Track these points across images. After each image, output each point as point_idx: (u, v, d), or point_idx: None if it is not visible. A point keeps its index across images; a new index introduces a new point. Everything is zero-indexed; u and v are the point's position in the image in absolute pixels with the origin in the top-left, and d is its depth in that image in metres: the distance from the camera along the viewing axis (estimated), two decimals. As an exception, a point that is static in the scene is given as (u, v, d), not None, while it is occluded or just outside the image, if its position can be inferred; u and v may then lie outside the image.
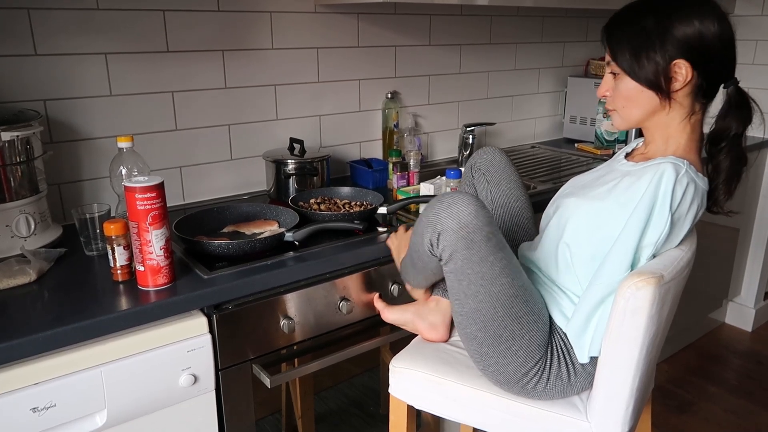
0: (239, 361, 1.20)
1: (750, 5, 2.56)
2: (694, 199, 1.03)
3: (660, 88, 1.05)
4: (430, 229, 1.04)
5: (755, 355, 2.61)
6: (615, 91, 1.11)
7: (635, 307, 0.95)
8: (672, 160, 1.02)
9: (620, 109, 1.12)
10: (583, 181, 1.22)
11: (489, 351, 1.08)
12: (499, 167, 1.39)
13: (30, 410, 0.96)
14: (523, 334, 1.06)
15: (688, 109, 1.08)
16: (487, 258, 1.02)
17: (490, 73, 2.30)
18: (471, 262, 1.02)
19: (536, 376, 1.07)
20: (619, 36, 1.08)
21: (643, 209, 1.00)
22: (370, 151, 2.02)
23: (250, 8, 1.64)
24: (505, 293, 1.04)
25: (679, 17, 1.02)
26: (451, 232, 1.01)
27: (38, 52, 1.36)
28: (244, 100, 1.69)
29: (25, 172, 1.24)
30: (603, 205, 1.07)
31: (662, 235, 1.01)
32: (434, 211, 1.04)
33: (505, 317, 1.05)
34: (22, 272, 1.13)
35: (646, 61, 1.04)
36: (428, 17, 2.03)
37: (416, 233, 1.09)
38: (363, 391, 1.52)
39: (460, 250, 1.02)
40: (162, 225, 1.10)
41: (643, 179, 1.02)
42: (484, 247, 1.02)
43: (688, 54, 1.02)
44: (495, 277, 1.03)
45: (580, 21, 2.55)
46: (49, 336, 0.96)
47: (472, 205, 1.01)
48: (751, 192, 2.62)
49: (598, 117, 2.37)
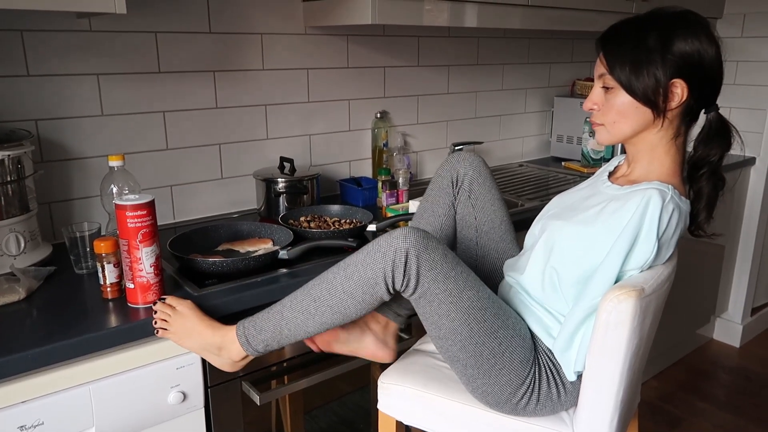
0: (228, 379, 1.20)
1: (731, 27, 2.63)
2: (678, 223, 1.04)
3: (656, 105, 1.05)
4: (389, 263, 1.02)
5: (743, 371, 2.62)
6: (606, 105, 1.09)
7: (617, 320, 0.97)
8: (657, 185, 1.02)
9: (610, 124, 1.10)
10: (569, 201, 1.21)
11: (474, 372, 1.08)
12: (484, 184, 1.34)
13: (17, 428, 0.96)
14: (503, 351, 1.07)
15: (675, 130, 1.09)
16: (450, 274, 1.04)
17: (478, 93, 2.34)
18: (436, 281, 1.03)
19: (525, 396, 1.08)
20: (618, 49, 1.07)
21: (628, 235, 1.00)
22: (360, 170, 2.04)
23: (241, 30, 1.67)
24: (474, 306, 1.05)
25: (682, 36, 1.03)
26: (413, 256, 1.01)
27: (31, 73, 1.38)
28: (234, 120, 1.72)
29: (15, 190, 1.24)
30: (590, 231, 1.06)
31: (648, 260, 1.02)
32: (384, 245, 1.02)
33: (481, 333, 1.06)
34: (12, 290, 1.13)
35: (645, 76, 1.03)
36: (417, 39, 2.07)
37: (358, 275, 1.04)
38: (353, 409, 1.52)
39: (424, 272, 1.02)
40: (152, 242, 1.11)
41: (629, 204, 1.01)
42: (444, 264, 1.03)
43: (685, 74, 1.03)
44: (461, 291, 1.04)
45: (565, 43, 2.60)
46: (37, 353, 0.97)
47: (414, 230, 1.03)
48: (736, 209, 2.66)
49: (584, 136, 2.41)
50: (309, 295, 1.07)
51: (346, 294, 1.05)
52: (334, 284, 1.06)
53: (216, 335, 1.09)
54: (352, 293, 1.05)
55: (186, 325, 1.09)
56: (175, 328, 1.09)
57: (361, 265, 1.04)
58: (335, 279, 1.06)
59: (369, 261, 1.03)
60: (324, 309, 1.06)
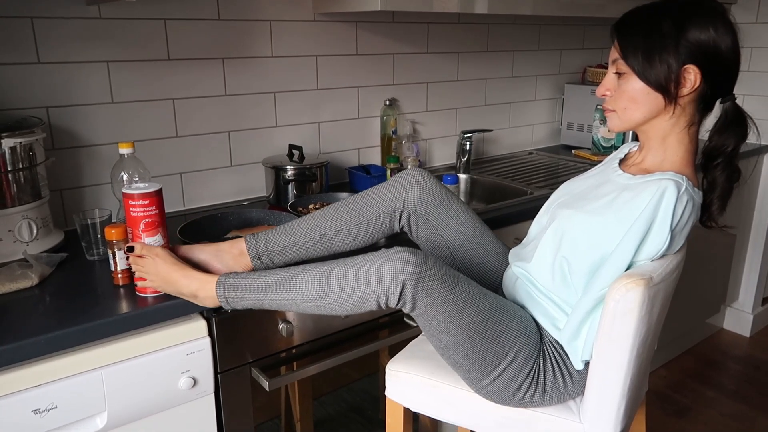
0: (238, 364, 1.21)
1: (745, 12, 2.59)
2: (691, 214, 1.03)
3: (668, 91, 1.04)
4: (384, 290, 1.01)
5: (753, 361, 2.61)
6: (618, 91, 1.09)
7: (625, 309, 0.97)
8: (672, 176, 1.01)
9: (621, 111, 1.10)
10: (578, 189, 1.20)
11: (477, 375, 1.08)
12: (441, 204, 1.25)
13: (31, 412, 0.98)
14: (507, 353, 1.07)
15: (689, 118, 1.07)
16: (448, 297, 1.03)
17: (488, 80, 2.32)
18: (434, 306, 1.02)
19: (531, 389, 1.08)
20: (632, 35, 1.06)
21: (641, 225, 1.00)
22: (369, 158, 2.04)
23: (250, 17, 1.66)
24: (474, 321, 1.04)
25: (697, 23, 1.02)
26: (410, 287, 1.00)
27: (41, 60, 1.38)
28: (243, 107, 1.72)
29: (27, 178, 1.26)
30: (601, 220, 1.06)
31: (660, 251, 1.01)
32: (381, 270, 1.01)
33: (483, 341, 1.05)
34: (25, 276, 1.15)
35: (658, 62, 1.03)
36: (426, 25, 2.06)
37: (351, 290, 1.03)
38: (362, 396, 1.53)
39: (421, 299, 1.01)
40: (156, 232, 1.12)
41: (644, 195, 1.01)
42: (441, 290, 1.02)
43: (699, 60, 1.02)
44: (460, 311, 1.03)
45: (576, 29, 2.57)
46: (50, 338, 0.98)
47: (414, 257, 1.00)
48: (748, 198, 2.64)
49: (595, 123, 2.39)
50: (297, 288, 1.06)
51: (335, 302, 1.05)
52: (324, 290, 1.05)
53: (192, 284, 1.09)
54: (341, 302, 1.04)
55: (160, 272, 1.09)
56: (152, 276, 1.10)
57: (356, 283, 1.03)
58: (327, 285, 1.05)
59: (364, 282, 1.02)
60: (309, 305, 1.06)
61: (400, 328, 1.47)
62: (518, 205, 1.73)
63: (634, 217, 1.00)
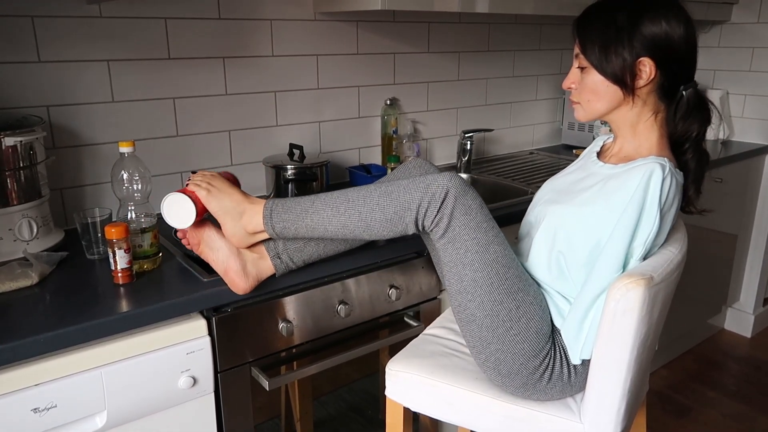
0: (238, 364, 1.21)
1: (747, 13, 2.58)
2: (676, 194, 1.06)
3: (624, 83, 1.08)
4: (428, 195, 1.05)
5: (754, 361, 2.61)
6: (581, 84, 1.14)
7: (625, 308, 0.96)
8: (654, 159, 1.04)
9: (585, 102, 1.14)
10: (561, 185, 1.22)
11: (488, 335, 1.08)
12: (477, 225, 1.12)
13: (31, 411, 0.98)
14: (520, 316, 1.07)
15: (653, 107, 1.11)
16: (481, 224, 1.07)
17: (489, 80, 2.32)
18: (468, 227, 1.06)
19: (538, 371, 1.08)
20: (590, 30, 1.11)
21: (633, 210, 1.02)
22: (369, 157, 2.04)
23: (251, 16, 1.66)
24: (498, 261, 1.07)
25: (649, 16, 1.06)
26: (452, 197, 1.05)
27: (42, 59, 1.38)
28: (244, 107, 1.72)
29: (27, 176, 1.26)
30: (592, 210, 1.08)
31: (651, 234, 1.03)
32: (430, 179, 1.06)
33: (501, 290, 1.07)
34: (25, 275, 1.15)
35: (614, 56, 1.07)
36: (427, 25, 2.06)
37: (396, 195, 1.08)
38: (362, 396, 1.53)
39: (458, 216, 1.06)
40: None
41: (631, 181, 1.03)
42: (479, 214, 1.07)
43: (653, 53, 1.06)
44: (489, 244, 1.07)
45: (578, 28, 2.57)
46: (50, 337, 0.98)
47: (460, 177, 1.07)
48: (749, 198, 2.63)
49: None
50: (345, 194, 1.12)
51: (379, 207, 1.09)
52: (371, 194, 1.10)
53: (245, 201, 1.15)
54: (384, 208, 1.08)
55: (222, 186, 1.16)
56: (211, 187, 1.15)
57: (403, 189, 1.08)
58: (374, 191, 1.10)
59: (411, 187, 1.07)
60: (352, 212, 1.10)
61: (400, 328, 1.47)
62: (519, 204, 1.73)
63: (624, 202, 1.03)
